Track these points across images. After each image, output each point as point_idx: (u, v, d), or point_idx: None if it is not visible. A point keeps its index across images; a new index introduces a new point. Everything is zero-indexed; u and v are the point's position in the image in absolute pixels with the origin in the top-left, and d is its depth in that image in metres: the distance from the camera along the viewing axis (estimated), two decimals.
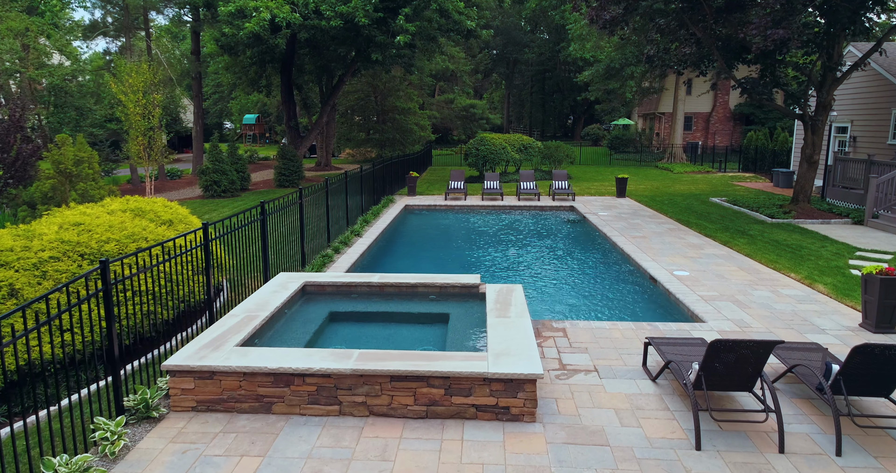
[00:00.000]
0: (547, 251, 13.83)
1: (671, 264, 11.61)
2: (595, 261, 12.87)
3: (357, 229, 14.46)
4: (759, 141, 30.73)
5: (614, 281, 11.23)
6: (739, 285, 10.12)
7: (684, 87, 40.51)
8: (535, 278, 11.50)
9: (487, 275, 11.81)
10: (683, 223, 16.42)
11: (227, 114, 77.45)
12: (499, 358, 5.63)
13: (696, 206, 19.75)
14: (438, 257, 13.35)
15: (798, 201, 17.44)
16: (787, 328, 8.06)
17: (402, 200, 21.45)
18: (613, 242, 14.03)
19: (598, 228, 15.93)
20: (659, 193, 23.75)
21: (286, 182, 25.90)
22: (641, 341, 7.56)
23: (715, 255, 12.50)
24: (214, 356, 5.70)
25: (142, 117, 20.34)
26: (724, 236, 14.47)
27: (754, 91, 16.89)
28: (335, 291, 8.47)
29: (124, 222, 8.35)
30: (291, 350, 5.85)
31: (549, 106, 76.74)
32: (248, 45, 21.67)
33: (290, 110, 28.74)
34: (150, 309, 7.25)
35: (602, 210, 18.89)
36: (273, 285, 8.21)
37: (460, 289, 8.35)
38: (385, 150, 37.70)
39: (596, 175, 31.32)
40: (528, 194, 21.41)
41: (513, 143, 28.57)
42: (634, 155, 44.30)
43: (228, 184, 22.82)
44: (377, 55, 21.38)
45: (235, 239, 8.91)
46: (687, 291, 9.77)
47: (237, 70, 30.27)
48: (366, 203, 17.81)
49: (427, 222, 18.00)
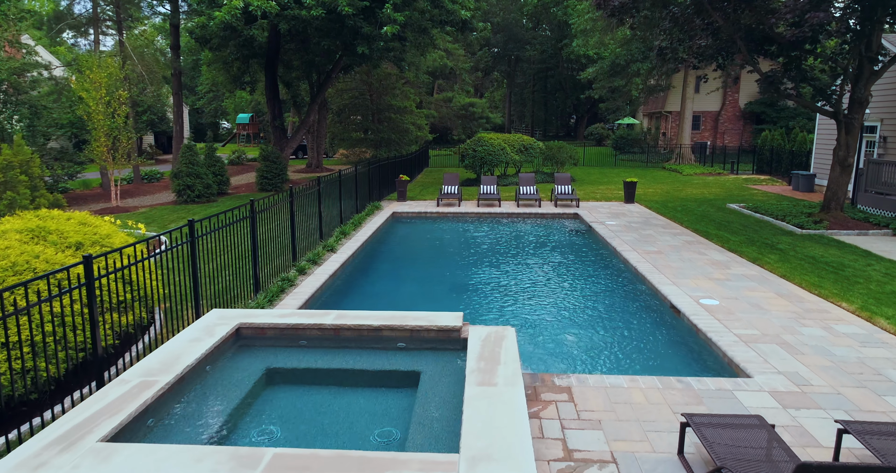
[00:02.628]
0: (548, 271, 12.01)
1: (695, 289, 9.78)
2: (604, 284, 11.05)
3: (331, 244, 12.65)
4: (774, 141, 28.85)
5: (628, 311, 9.42)
6: (783, 320, 8.30)
7: (693, 84, 38.65)
8: (532, 307, 9.69)
9: (476, 302, 10.00)
10: (702, 235, 14.59)
11: (223, 113, 75.75)
12: (474, 468, 3.82)
13: (713, 213, 17.91)
14: (423, 277, 11.55)
15: (829, 210, 15.60)
16: (859, 387, 6.25)
17: (390, 206, 19.65)
18: (625, 258, 12.21)
19: (605, 240, 14.11)
20: (670, 197, 21.92)
21: (268, 186, 24.12)
22: (670, 406, 5.76)
23: (745, 276, 10.68)
24: (59, 462, 3.91)
25: (105, 116, 18.59)
26: (751, 251, 12.64)
27: (780, 86, 15.04)
28: (278, 334, 6.67)
29: (9, 249, 6.56)
30: (178, 450, 4.06)
31: (551, 105, 74.88)
32: (222, 37, 19.91)
33: (275, 109, 26.94)
34: (31, 363, 5.49)
35: (609, 219, 17.06)
36: (196, 329, 6.41)
37: (437, 333, 6.55)
38: (380, 150, 35.91)
39: (601, 177, 29.48)
40: (527, 199, 19.60)
41: (512, 143, 26.76)
42: (640, 156, 42.44)
43: (203, 188, 21.04)
44: (363, 48, 19.57)
45: (174, 259, 7.13)
46: (720, 327, 7.95)
47: (219, 66, 28.47)
48: (347, 211, 16.02)
49: (415, 232, 16.20)
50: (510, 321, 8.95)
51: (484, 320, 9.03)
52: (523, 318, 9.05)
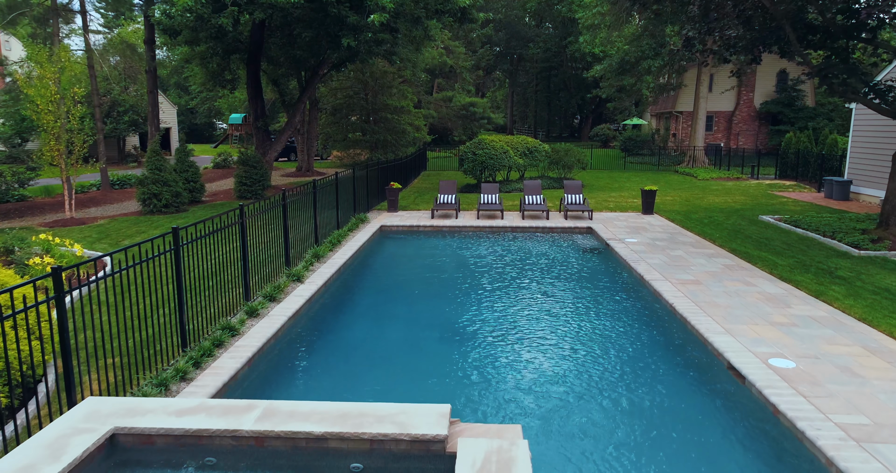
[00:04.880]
0: (561, 312, 9.80)
1: (757, 341, 7.56)
2: (632, 328, 8.82)
3: (298, 272, 10.41)
4: (800, 144, 26.60)
5: (671, 374, 7.19)
6: (893, 395, 6.07)
7: (706, 82, 36.40)
8: (543, 372, 7.48)
9: (473, 359, 7.78)
10: (742, 256, 12.36)
11: (217, 113, 73.61)
12: None
13: (747, 227, 15.67)
14: (410, 317, 9.34)
15: (889, 225, 13.35)
16: None
17: (379, 218, 17.43)
18: (656, 290, 9.99)
19: (628, 264, 11.88)
20: (692, 207, 19.68)
21: (248, 193, 21.91)
22: None
23: (813, 319, 8.45)
24: None
25: (57, 117, 16.39)
26: (808, 280, 10.40)
27: (838, 80, 12.82)
28: (172, 445, 4.46)
29: None
30: None
31: (554, 105, 72.61)
32: (192, 27, 17.72)
33: (258, 109, 24.73)
34: None
35: (629, 234, 14.84)
36: (39, 442, 4.19)
37: (410, 445, 4.34)
38: (376, 152, 33.71)
39: (611, 183, 27.24)
40: (534, 210, 17.37)
41: (516, 146, 24.53)
42: (650, 158, 40.19)
43: (171, 197, 18.82)
44: (349, 40, 17.32)
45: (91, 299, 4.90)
46: (810, 410, 5.73)
47: (197, 62, 26.24)
48: (326, 227, 13.82)
49: (404, 252, 13.98)
50: (515, 397, 6.74)
51: (481, 399, 6.83)
52: (535, 393, 6.82)
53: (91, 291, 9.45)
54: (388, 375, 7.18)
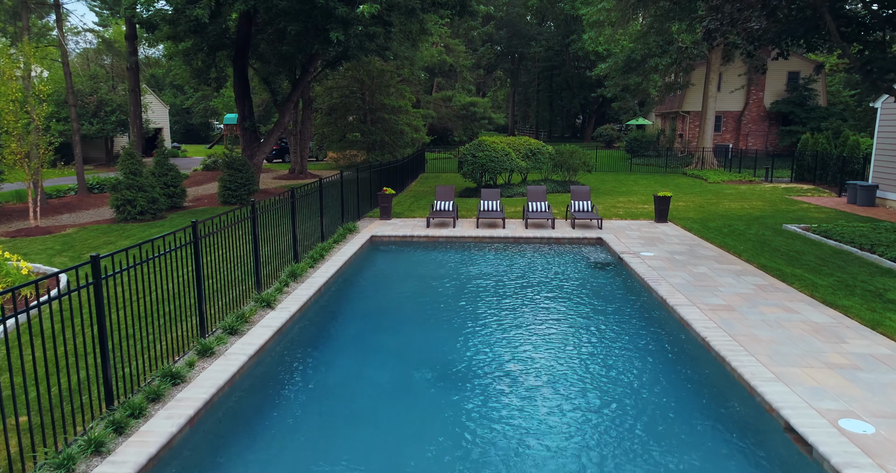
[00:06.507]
0: (573, 347, 8.42)
1: (817, 392, 6.17)
2: (658, 370, 7.44)
3: (268, 297, 9.01)
4: (818, 145, 25.19)
5: (715, 437, 5.80)
6: None
7: (715, 81, 34.98)
8: (553, 420, 6.10)
9: (472, 411, 6.40)
10: (773, 274, 10.96)
11: (213, 113, 72.26)
12: None
13: (772, 238, 14.28)
14: (399, 351, 7.95)
15: None
16: None
17: (370, 227, 16.05)
18: (683, 319, 8.60)
19: (646, 283, 10.50)
20: (707, 213, 18.30)
21: (232, 198, 20.52)
22: None
23: (877, 358, 7.07)
24: None
25: (17, 117, 15.03)
26: (857, 305, 9.01)
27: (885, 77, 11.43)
28: None
29: None
30: None
31: (556, 105, 71.19)
32: (169, 20, 16.37)
33: (245, 109, 23.35)
34: None
35: (643, 246, 13.45)
36: None
37: None
38: (374, 153, 32.35)
39: (618, 186, 25.86)
40: (538, 218, 15.99)
41: (518, 148, 23.14)
42: (656, 159, 38.80)
43: (147, 204, 17.44)
44: (337, 33, 15.94)
45: None
46: None
47: (181, 58, 24.85)
48: (306, 241, 12.44)
49: (395, 268, 12.60)
50: (525, 467, 5.36)
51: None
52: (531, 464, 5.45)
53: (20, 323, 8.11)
54: (372, 435, 5.80)
